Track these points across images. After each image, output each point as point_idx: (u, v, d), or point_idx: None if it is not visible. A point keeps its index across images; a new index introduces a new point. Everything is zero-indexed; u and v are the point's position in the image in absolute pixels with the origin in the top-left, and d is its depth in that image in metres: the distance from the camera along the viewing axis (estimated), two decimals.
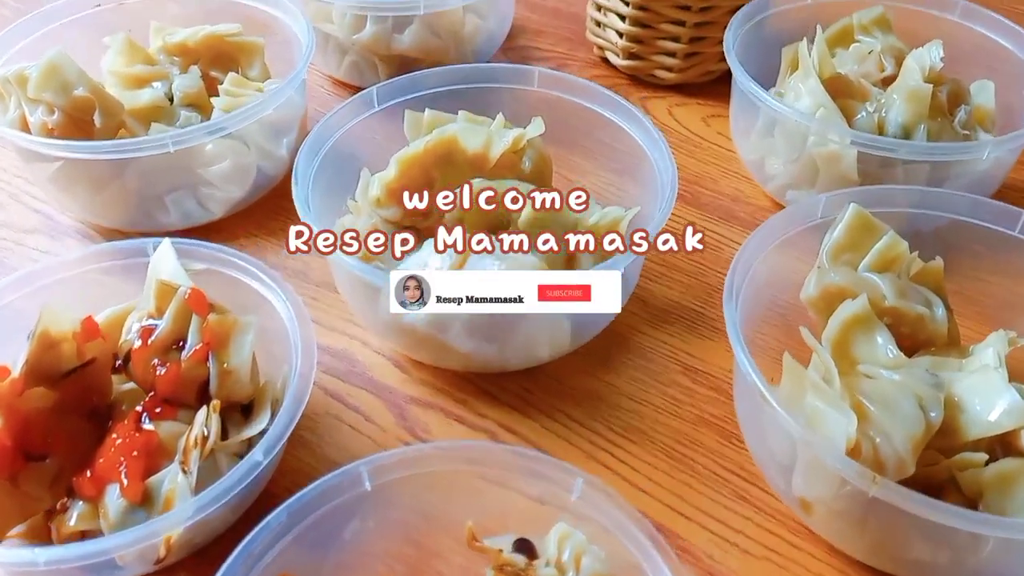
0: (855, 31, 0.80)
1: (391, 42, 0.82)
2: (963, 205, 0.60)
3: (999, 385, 0.52)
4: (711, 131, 0.85)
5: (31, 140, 0.64)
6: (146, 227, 0.72)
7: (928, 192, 0.60)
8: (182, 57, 0.78)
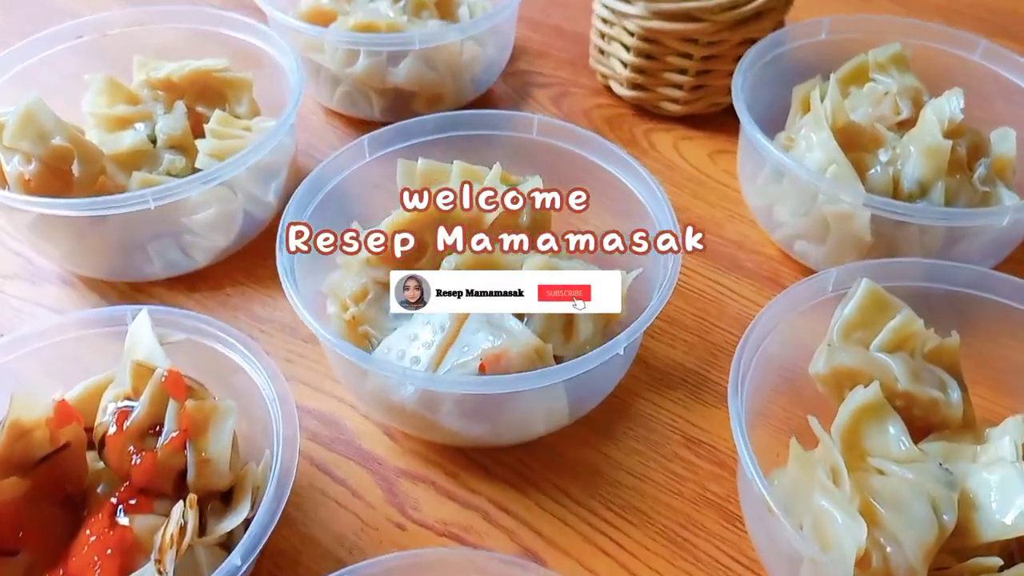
0: (870, 69, 0.77)
1: (385, 75, 0.79)
2: (979, 280, 0.57)
3: (1016, 483, 0.49)
4: (717, 169, 0.82)
5: (5, 196, 0.61)
6: (129, 276, 0.69)
7: (942, 266, 0.57)
8: (167, 92, 0.74)
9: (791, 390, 0.59)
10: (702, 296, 0.71)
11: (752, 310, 0.69)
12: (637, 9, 0.78)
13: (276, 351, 0.66)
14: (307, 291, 0.61)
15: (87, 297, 0.70)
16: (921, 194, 0.66)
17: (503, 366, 0.54)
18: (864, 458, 0.51)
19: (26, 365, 0.56)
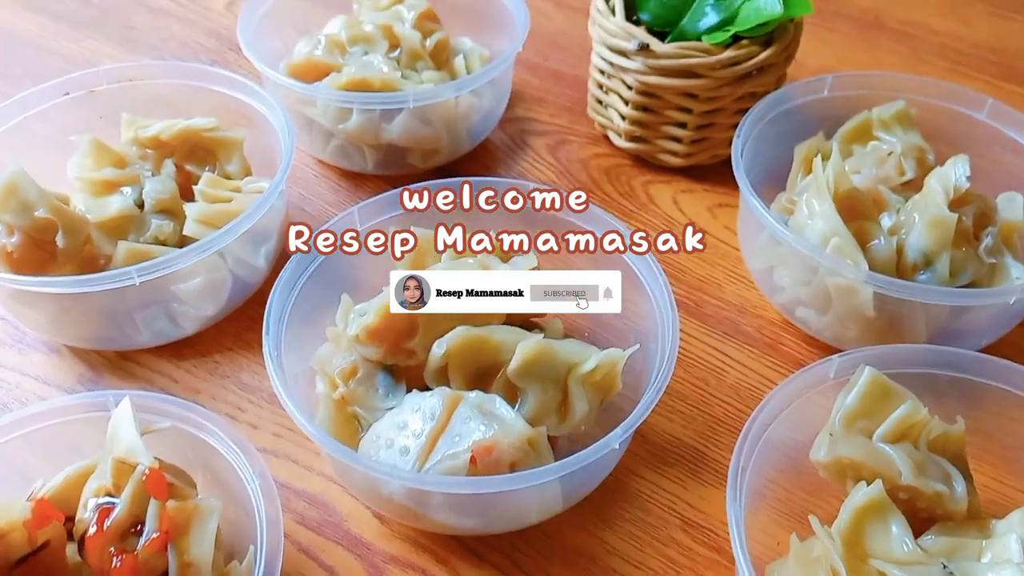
0: (874, 126, 0.75)
1: (379, 132, 0.77)
2: (985, 367, 0.55)
3: None
4: (718, 224, 0.80)
5: None
6: (116, 346, 0.68)
7: (948, 353, 0.56)
8: (156, 150, 0.73)
9: (793, 470, 0.57)
10: (700, 364, 0.69)
11: (752, 379, 0.68)
12: (636, 64, 0.77)
13: (264, 424, 0.65)
14: (295, 365, 0.60)
15: (73, 366, 0.68)
16: (926, 265, 0.64)
17: (495, 458, 0.52)
18: (866, 560, 0.50)
19: (8, 450, 0.54)
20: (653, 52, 0.76)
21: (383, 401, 0.59)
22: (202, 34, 1.02)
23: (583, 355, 0.58)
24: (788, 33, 0.78)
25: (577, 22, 1.04)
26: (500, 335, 0.58)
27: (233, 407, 0.66)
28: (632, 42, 0.76)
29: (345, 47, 0.82)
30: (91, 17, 1.04)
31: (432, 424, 0.54)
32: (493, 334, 0.58)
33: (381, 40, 0.83)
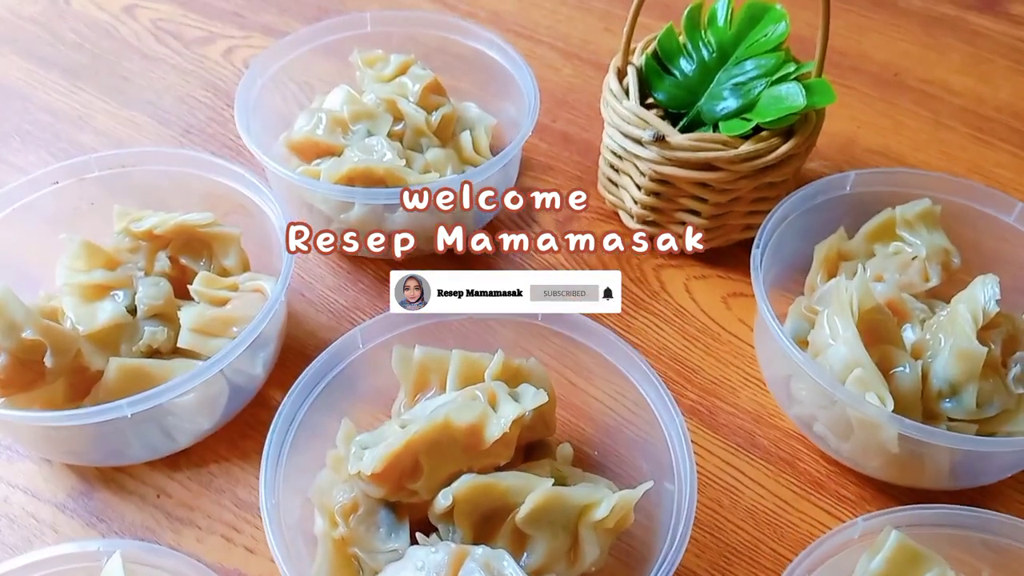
0: (897, 224, 0.72)
1: (382, 222, 0.74)
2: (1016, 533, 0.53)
3: None
4: (732, 317, 0.78)
5: None
6: (107, 462, 0.65)
7: (976, 517, 0.53)
8: (149, 243, 0.70)
9: None
10: (714, 482, 0.67)
11: (768, 502, 0.66)
12: (650, 154, 0.74)
13: (261, 548, 0.63)
14: (293, 501, 0.57)
15: (64, 478, 0.66)
16: (952, 394, 0.62)
17: None
18: None
19: None
20: (669, 144, 0.73)
21: (384, 543, 0.56)
22: (198, 86, 0.99)
23: (595, 498, 0.55)
24: (810, 123, 0.75)
25: (586, 76, 1.01)
26: (508, 481, 0.55)
27: (228, 527, 0.64)
28: (648, 132, 0.73)
29: (347, 124, 0.79)
30: (83, 65, 1.01)
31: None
32: (501, 480, 0.55)
33: (384, 115, 0.79)
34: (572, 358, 0.66)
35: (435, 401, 0.60)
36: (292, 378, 0.61)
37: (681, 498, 0.55)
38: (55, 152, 0.90)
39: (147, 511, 0.64)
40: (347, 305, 0.78)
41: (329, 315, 0.77)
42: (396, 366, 0.62)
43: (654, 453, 0.60)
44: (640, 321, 0.77)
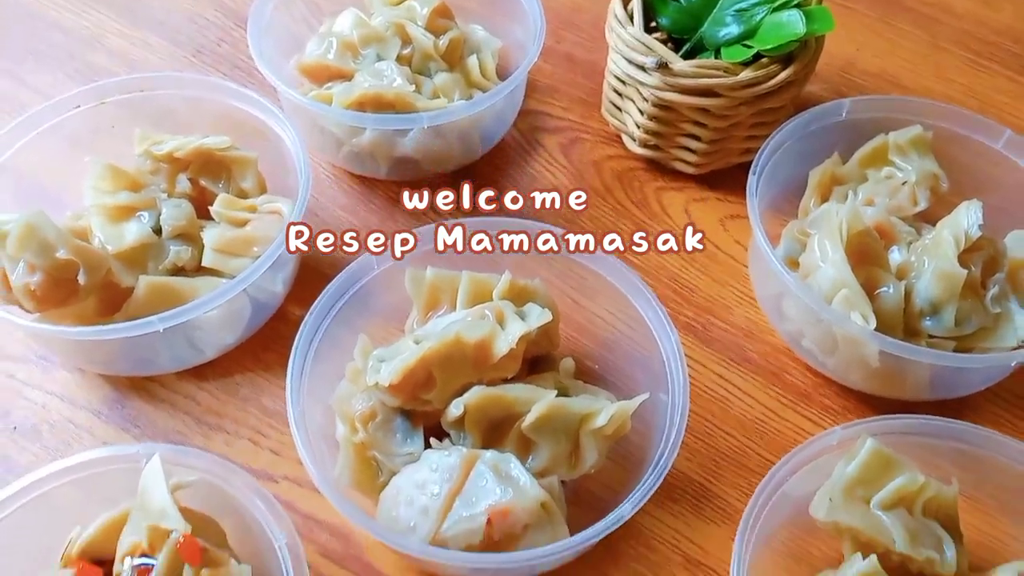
0: (890, 150, 0.75)
1: (393, 146, 0.77)
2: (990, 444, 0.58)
3: None
4: (728, 238, 0.81)
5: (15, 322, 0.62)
6: (137, 372, 0.70)
7: (949, 427, 0.58)
8: (170, 165, 0.73)
9: (795, 514, 0.60)
10: (706, 393, 0.71)
11: (756, 411, 0.70)
12: (652, 80, 0.76)
13: (286, 452, 0.67)
14: (315, 404, 0.62)
15: (97, 387, 0.70)
16: (932, 312, 0.66)
17: (510, 522, 0.55)
18: None
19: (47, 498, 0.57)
20: (671, 70, 0.75)
21: (401, 447, 0.61)
22: (208, 6, 0.99)
23: (595, 408, 0.60)
24: (809, 50, 0.76)
25: None
26: (514, 392, 0.60)
27: (255, 432, 0.68)
28: (650, 59, 0.75)
29: (357, 48, 0.80)
30: None
31: (449, 485, 0.56)
32: (508, 391, 0.60)
33: (393, 39, 0.81)
34: (575, 279, 0.70)
35: (446, 319, 0.64)
36: (310, 295, 0.65)
37: (674, 407, 0.59)
38: (70, 73, 0.92)
39: (178, 417, 0.69)
40: (358, 225, 0.81)
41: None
42: (409, 286, 0.65)
43: (650, 366, 0.64)
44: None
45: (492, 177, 0.85)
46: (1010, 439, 0.58)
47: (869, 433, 0.57)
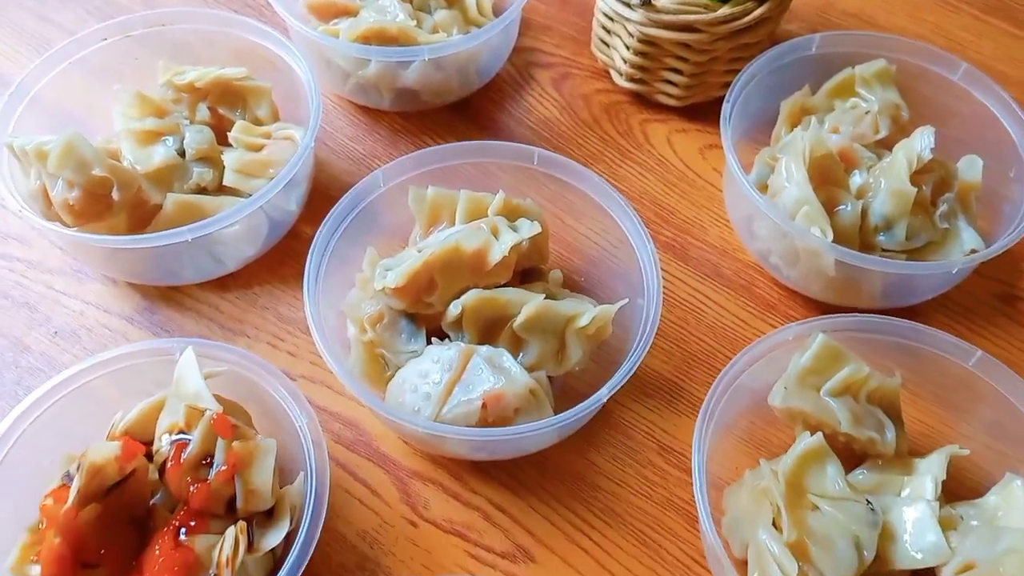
0: (856, 82, 0.81)
1: (396, 78, 0.83)
2: (925, 338, 0.65)
3: (928, 523, 0.59)
4: (707, 166, 0.87)
5: (59, 232, 0.68)
6: (164, 282, 0.77)
7: (891, 324, 0.65)
8: (190, 95, 0.79)
9: (755, 406, 0.67)
10: (682, 304, 0.78)
11: (727, 320, 0.77)
12: (637, 16, 0.82)
13: (301, 353, 0.75)
14: (328, 310, 0.69)
15: (129, 296, 0.77)
16: (886, 228, 0.72)
17: (502, 405, 0.62)
18: (804, 494, 0.61)
19: (89, 387, 0.64)
20: (655, 7, 0.80)
21: (406, 345, 0.68)
22: None
23: (579, 310, 0.67)
24: None
25: None
26: (507, 295, 0.67)
27: (273, 336, 0.76)
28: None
29: None
30: None
31: (449, 374, 0.64)
32: (501, 294, 0.67)
33: None
34: (564, 201, 0.77)
35: (446, 232, 0.71)
36: (320, 216, 0.71)
37: (649, 305, 0.66)
38: (90, 10, 0.97)
39: (203, 324, 0.76)
40: (365, 153, 0.88)
41: (349, 162, 0.87)
42: (412, 203, 0.72)
43: (630, 279, 0.71)
44: (625, 170, 0.87)
45: (488, 109, 0.91)
46: (947, 334, 0.65)
47: (821, 329, 0.64)
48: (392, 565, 0.65)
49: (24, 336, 0.75)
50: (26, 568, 0.57)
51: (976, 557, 0.58)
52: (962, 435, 0.67)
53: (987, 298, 0.78)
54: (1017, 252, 0.80)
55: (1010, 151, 0.77)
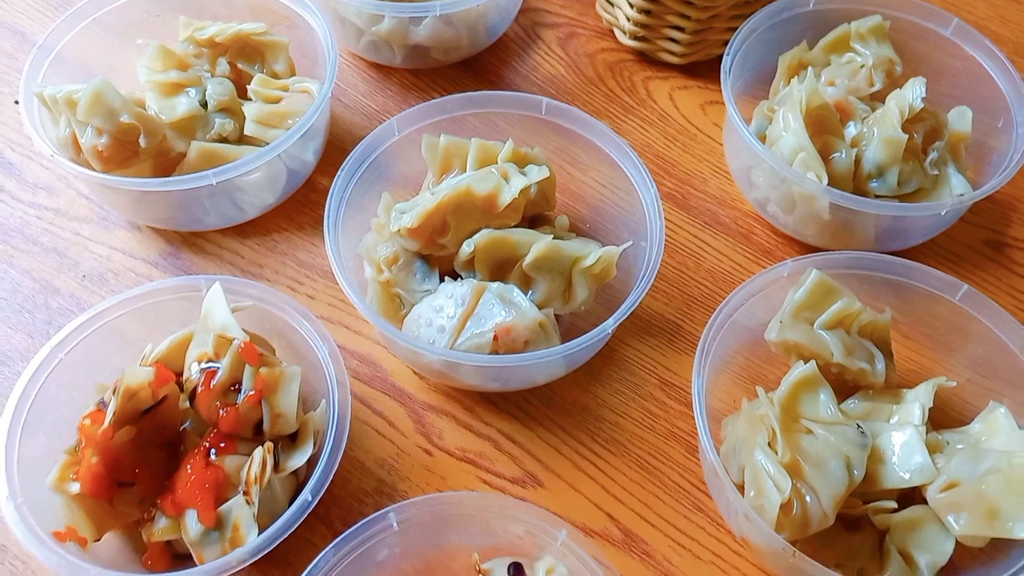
0: (851, 38, 0.84)
1: (408, 33, 0.86)
2: (914, 274, 0.68)
3: (915, 446, 0.63)
4: (707, 120, 0.91)
5: (89, 176, 0.72)
6: (188, 227, 0.80)
7: (881, 260, 0.68)
8: (211, 49, 0.82)
9: (752, 345, 0.71)
10: (683, 250, 0.82)
11: (725, 265, 0.81)
12: None
13: (320, 296, 0.78)
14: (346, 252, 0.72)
15: (153, 242, 0.81)
16: (878, 175, 0.76)
17: (512, 337, 0.66)
18: (798, 419, 0.64)
19: (120, 322, 0.68)
20: None
21: (420, 284, 0.72)
22: None
23: (585, 251, 0.70)
24: None
25: None
26: (517, 236, 0.70)
27: (292, 280, 0.79)
28: None
29: None
30: None
31: (463, 308, 0.67)
32: (511, 234, 0.70)
33: None
34: (570, 153, 0.80)
35: (458, 178, 0.74)
36: (336, 167, 0.74)
37: (652, 249, 0.70)
38: None
39: (224, 268, 0.79)
40: (377, 108, 0.91)
41: (362, 117, 0.90)
42: (425, 151, 0.75)
43: (633, 226, 0.75)
44: (629, 124, 0.90)
45: (495, 67, 0.94)
46: (935, 270, 0.68)
47: (815, 266, 0.67)
48: (408, 489, 0.69)
49: (54, 279, 0.78)
50: (66, 485, 0.61)
51: (960, 476, 0.61)
52: (949, 371, 0.71)
53: (976, 244, 0.82)
54: (1004, 201, 0.84)
55: (999, 104, 0.80)
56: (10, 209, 0.82)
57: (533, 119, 0.78)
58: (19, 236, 0.81)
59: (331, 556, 0.58)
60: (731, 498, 0.59)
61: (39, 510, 0.60)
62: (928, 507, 0.62)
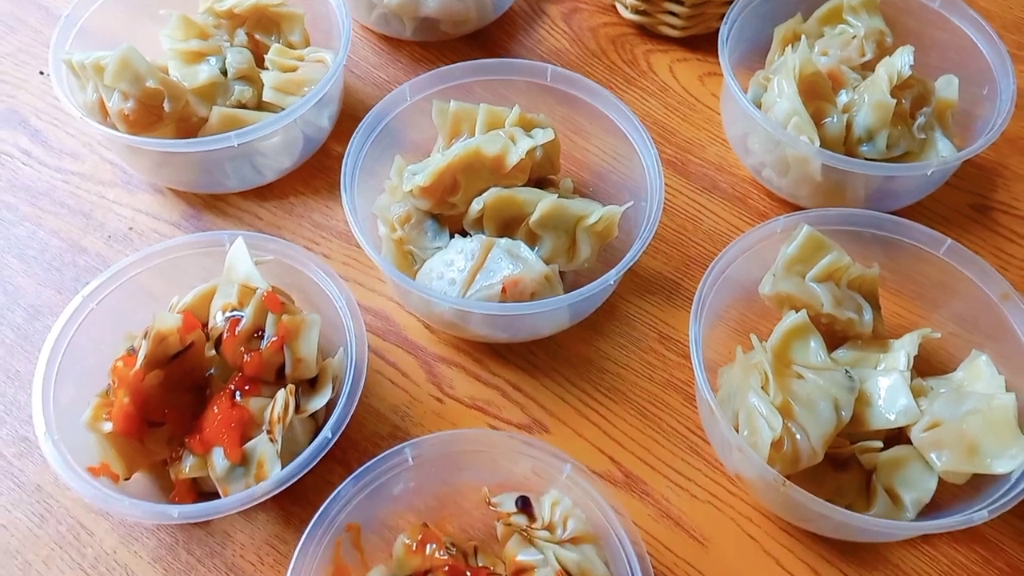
0: (844, 10, 0.88)
1: (418, 6, 0.90)
2: (900, 229, 0.72)
3: (900, 389, 0.67)
4: (706, 91, 0.94)
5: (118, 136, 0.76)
6: (209, 189, 0.84)
7: (870, 216, 0.72)
8: (229, 20, 0.86)
9: (746, 299, 0.75)
10: (681, 213, 0.85)
11: (722, 227, 0.84)
12: None
13: (335, 255, 0.82)
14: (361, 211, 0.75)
15: (175, 204, 0.84)
16: (868, 139, 0.79)
17: (520, 289, 0.70)
18: (789, 365, 0.68)
19: (146, 276, 0.71)
20: None
21: (431, 242, 0.76)
22: None
23: (588, 210, 0.74)
24: None
25: None
26: (524, 195, 0.74)
27: (309, 240, 0.83)
28: None
29: None
30: None
31: (472, 262, 0.71)
32: (519, 193, 0.74)
33: None
34: (574, 122, 0.84)
35: (467, 140, 0.77)
36: (349, 134, 0.77)
37: (651, 206, 0.73)
38: None
39: (244, 228, 0.83)
40: (388, 79, 0.94)
41: (374, 87, 0.94)
42: (435, 117, 0.79)
43: (635, 189, 0.78)
44: (630, 95, 0.94)
45: (502, 40, 0.98)
46: (920, 225, 0.72)
47: (806, 221, 0.71)
48: (421, 434, 0.72)
49: (80, 239, 0.82)
50: (99, 424, 0.65)
51: (942, 416, 0.65)
52: (934, 325, 0.74)
53: (962, 207, 0.86)
54: (989, 166, 0.88)
55: (985, 74, 0.84)
56: (37, 174, 0.86)
57: (538, 88, 0.81)
58: (47, 199, 0.84)
59: (350, 488, 0.61)
60: (726, 433, 0.63)
61: (74, 447, 0.64)
62: (912, 447, 0.66)
